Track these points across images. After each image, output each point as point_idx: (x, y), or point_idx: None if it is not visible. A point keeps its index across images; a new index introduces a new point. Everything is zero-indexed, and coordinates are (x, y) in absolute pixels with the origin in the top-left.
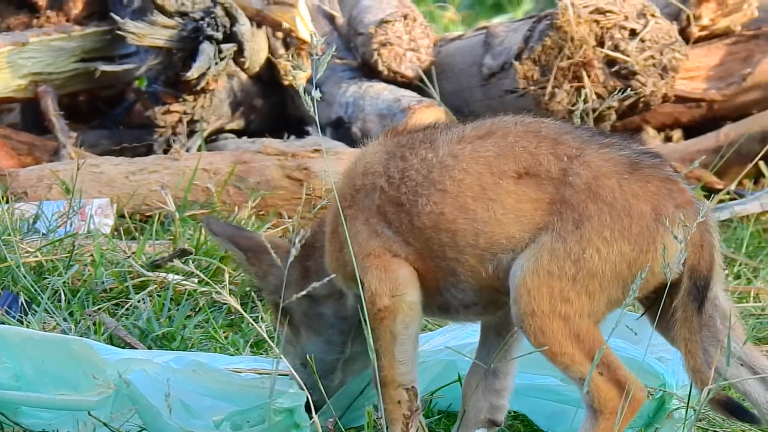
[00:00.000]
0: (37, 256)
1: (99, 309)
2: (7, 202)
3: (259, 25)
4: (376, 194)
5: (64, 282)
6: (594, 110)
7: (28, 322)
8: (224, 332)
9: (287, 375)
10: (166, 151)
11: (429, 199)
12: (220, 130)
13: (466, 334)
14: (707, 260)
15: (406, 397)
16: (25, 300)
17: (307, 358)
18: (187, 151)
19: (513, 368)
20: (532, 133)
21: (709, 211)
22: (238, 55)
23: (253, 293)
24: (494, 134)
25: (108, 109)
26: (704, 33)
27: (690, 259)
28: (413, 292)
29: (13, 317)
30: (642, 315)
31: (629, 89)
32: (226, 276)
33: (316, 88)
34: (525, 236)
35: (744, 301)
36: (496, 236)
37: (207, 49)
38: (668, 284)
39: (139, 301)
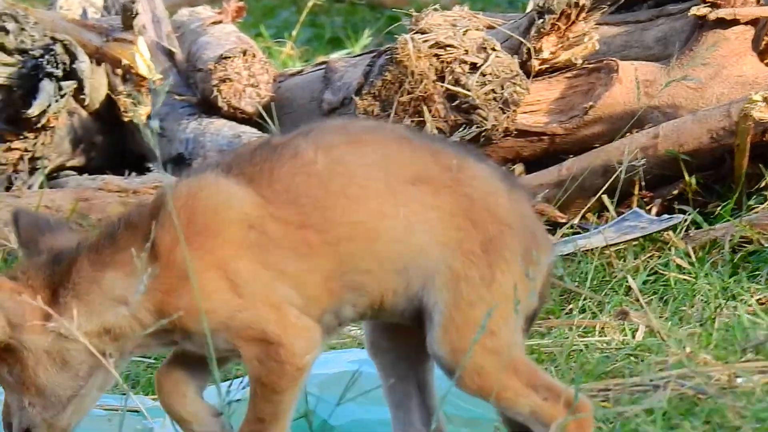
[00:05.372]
0: None
1: None
2: None
3: (98, 62)
4: (266, 226)
5: None
6: None
7: None
8: None
9: (137, 411)
10: (8, 189)
11: (338, 210)
12: (62, 167)
13: (319, 363)
14: (549, 286)
15: None
16: None
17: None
18: (29, 188)
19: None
20: (402, 139)
21: None
22: (78, 92)
23: None
24: (363, 143)
25: None
26: (545, 66)
27: (541, 286)
28: (321, 349)
29: None
30: None
31: (471, 124)
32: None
33: (150, 119)
34: (433, 250)
35: (590, 335)
36: (410, 245)
37: (47, 86)
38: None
39: None
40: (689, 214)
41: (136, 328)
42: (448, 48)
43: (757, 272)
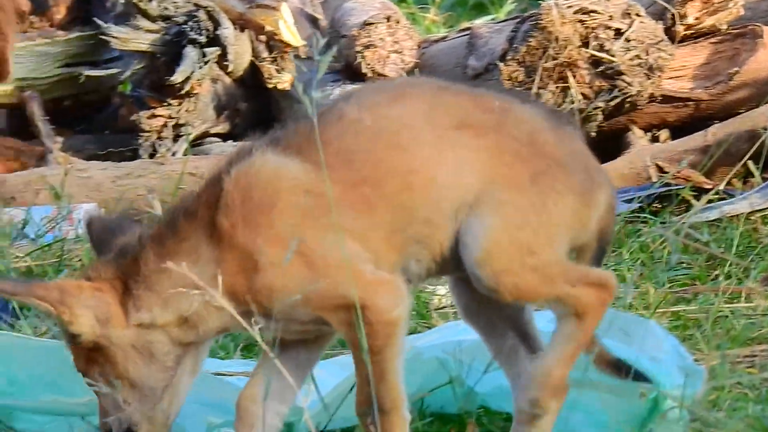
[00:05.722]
0: (26, 261)
1: None
2: None
3: (242, 29)
4: (324, 187)
5: None
6: (580, 111)
7: (20, 327)
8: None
9: None
10: (151, 156)
11: (392, 162)
12: (205, 134)
13: (458, 331)
14: (613, 224)
15: (408, 417)
16: (16, 305)
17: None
18: (173, 155)
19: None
20: (441, 89)
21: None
22: (222, 59)
23: None
24: (406, 96)
25: (93, 114)
26: (690, 32)
27: (601, 222)
28: (409, 298)
29: (5, 322)
30: None
31: (615, 89)
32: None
33: (296, 85)
34: (478, 187)
35: (735, 301)
36: (458, 189)
37: (191, 53)
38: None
39: None
40: None
41: (212, 312)
42: (592, 14)
43: None
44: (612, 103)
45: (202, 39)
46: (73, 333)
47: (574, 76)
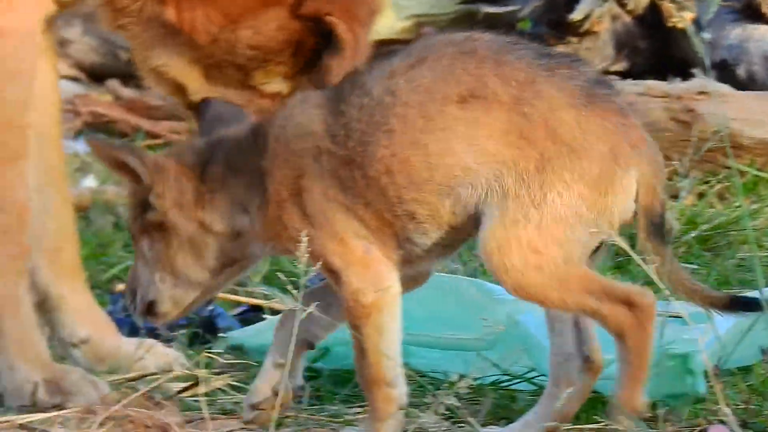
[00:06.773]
0: None
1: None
2: None
3: None
4: (324, 157)
5: None
6: None
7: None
8: (612, 274)
9: (679, 317)
10: None
11: (378, 145)
12: (604, 72)
13: None
14: (661, 199)
15: (396, 395)
16: None
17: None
18: None
19: None
20: (467, 53)
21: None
22: None
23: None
24: (426, 60)
25: None
26: None
27: (644, 200)
28: (396, 283)
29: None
30: None
31: None
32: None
33: (699, 28)
34: (482, 169)
35: None
36: (451, 168)
37: None
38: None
39: None
40: None
41: (256, 236)
42: None
43: None
44: None
45: None
46: (151, 204)
47: None
